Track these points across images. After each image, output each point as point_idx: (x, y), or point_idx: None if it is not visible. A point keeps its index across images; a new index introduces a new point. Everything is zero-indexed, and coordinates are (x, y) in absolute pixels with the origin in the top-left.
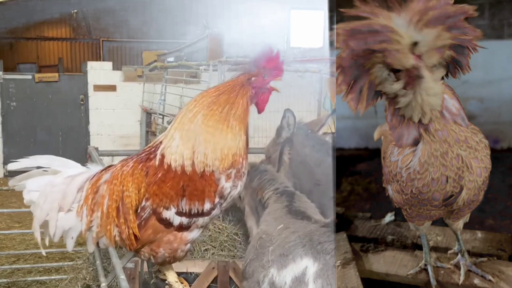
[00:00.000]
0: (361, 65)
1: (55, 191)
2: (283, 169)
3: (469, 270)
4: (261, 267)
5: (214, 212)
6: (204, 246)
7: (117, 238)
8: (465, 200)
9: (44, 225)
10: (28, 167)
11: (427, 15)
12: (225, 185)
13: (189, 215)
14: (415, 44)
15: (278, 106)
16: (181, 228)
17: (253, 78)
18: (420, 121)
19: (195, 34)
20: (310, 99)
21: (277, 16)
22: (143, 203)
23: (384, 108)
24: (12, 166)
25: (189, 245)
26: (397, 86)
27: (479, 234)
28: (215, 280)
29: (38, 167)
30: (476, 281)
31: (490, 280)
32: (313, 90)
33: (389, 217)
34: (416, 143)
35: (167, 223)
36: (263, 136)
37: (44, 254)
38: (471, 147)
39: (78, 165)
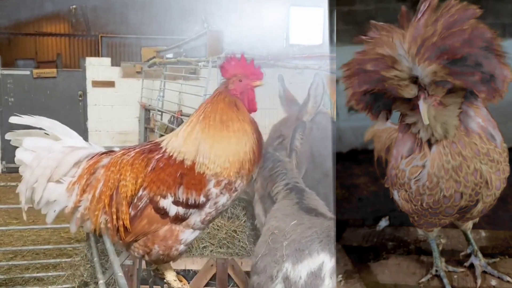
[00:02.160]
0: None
1: (51, 158)
2: (295, 156)
3: (484, 272)
4: (274, 262)
5: (207, 209)
6: (202, 244)
7: (102, 226)
8: (479, 211)
9: (31, 190)
10: (31, 125)
11: (424, 47)
12: (212, 189)
13: (186, 205)
14: (415, 77)
15: (277, 103)
16: (177, 219)
17: (230, 85)
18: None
19: (194, 31)
20: None
21: (277, 13)
22: (140, 192)
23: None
24: (14, 120)
25: (183, 246)
26: (404, 108)
27: (483, 233)
28: (213, 278)
29: (41, 129)
30: (494, 282)
31: (508, 281)
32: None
33: (384, 222)
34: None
35: (163, 213)
36: (262, 133)
37: (25, 218)
38: (493, 160)
39: (81, 138)
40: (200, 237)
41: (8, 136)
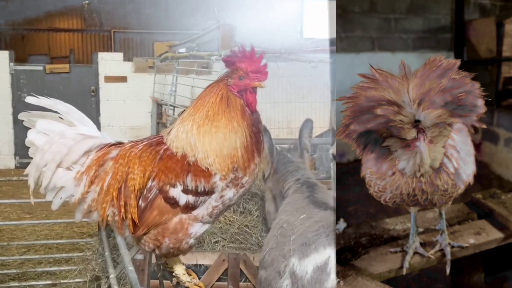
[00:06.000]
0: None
1: (62, 144)
2: (307, 155)
3: (452, 246)
4: (281, 256)
5: (213, 202)
6: (214, 238)
7: (109, 219)
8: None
9: (39, 173)
10: (46, 107)
11: (428, 97)
12: (218, 182)
13: (195, 193)
14: (417, 120)
15: (291, 97)
16: (188, 208)
17: (229, 80)
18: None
19: (207, 25)
20: (323, 90)
21: (290, 6)
22: (149, 183)
23: None
24: (30, 100)
25: (193, 239)
26: (397, 146)
27: (436, 210)
28: (225, 273)
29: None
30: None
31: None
32: (326, 80)
33: (342, 223)
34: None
35: (173, 202)
36: (276, 127)
37: (32, 203)
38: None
39: (95, 127)
40: (212, 231)
41: (21, 116)
